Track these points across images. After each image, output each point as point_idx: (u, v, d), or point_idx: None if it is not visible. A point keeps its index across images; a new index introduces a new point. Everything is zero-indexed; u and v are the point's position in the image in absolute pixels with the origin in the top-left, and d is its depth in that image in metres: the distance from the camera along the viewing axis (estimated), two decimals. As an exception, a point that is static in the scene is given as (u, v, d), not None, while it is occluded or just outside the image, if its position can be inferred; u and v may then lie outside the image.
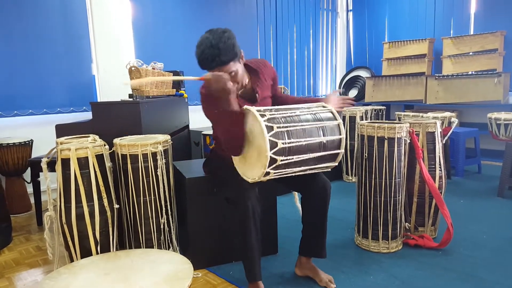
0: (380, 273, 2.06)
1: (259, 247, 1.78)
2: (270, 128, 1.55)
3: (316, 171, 1.77)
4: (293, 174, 1.71)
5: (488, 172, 4.23)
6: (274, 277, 2.05)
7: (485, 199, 3.29)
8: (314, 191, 1.92)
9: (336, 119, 1.73)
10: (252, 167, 1.65)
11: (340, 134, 1.72)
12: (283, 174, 1.66)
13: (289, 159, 1.60)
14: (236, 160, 1.77)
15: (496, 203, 3.20)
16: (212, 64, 1.65)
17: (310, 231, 2.02)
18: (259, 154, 1.58)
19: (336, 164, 1.77)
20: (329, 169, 1.80)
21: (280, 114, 1.65)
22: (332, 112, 1.76)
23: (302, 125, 1.64)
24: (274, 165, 1.57)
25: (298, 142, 1.61)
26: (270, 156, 1.53)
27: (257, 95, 1.91)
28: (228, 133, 1.71)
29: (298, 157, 1.62)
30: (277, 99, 2.11)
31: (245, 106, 1.66)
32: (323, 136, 1.67)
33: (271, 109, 1.67)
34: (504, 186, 3.32)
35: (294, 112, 1.69)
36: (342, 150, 1.73)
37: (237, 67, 1.73)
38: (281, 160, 1.57)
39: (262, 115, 1.59)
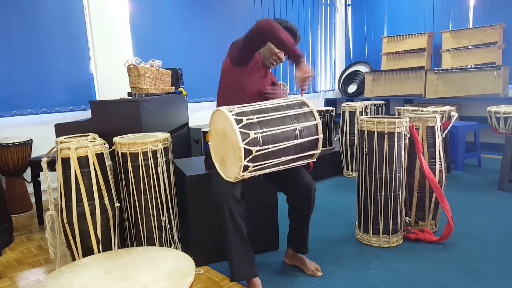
0: (381, 267, 2.07)
1: (243, 247, 1.75)
2: (239, 121, 1.57)
3: (300, 162, 1.75)
4: (277, 168, 1.70)
5: (488, 166, 4.23)
6: (275, 273, 2.06)
7: (485, 193, 3.29)
8: (298, 192, 1.92)
9: (308, 106, 1.74)
10: (231, 165, 1.65)
11: (315, 120, 1.72)
12: (264, 168, 1.65)
13: (265, 148, 1.59)
14: (218, 165, 1.77)
15: (496, 196, 3.20)
16: (297, 35, 2.02)
17: (294, 228, 2.06)
18: (234, 148, 1.58)
19: (319, 151, 1.76)
20: (314, 159, 1.78)
21: (249, 108, 1.67)
22: (304, 101, 1.77)
23: (273, 115, 1.65)
24: (250, 157, 1.56)
25: (271, 131, 1.61)
26: (244, 148, 1.53)
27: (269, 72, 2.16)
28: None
29: (274, 146, 1.61)
30: None
31: (216, 108, 1.70)
32: (298, 123, 1.68)
33: (240, 106, 1.69)
34: (504, 179, 3.33)
35: (264, 105, 1.71)
36: (320, 136, 1.73)
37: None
38: (257, 151, 1.56)
39: (230, 111, 1.61)
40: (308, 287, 1.91)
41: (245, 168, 1.58)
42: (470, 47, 5.09)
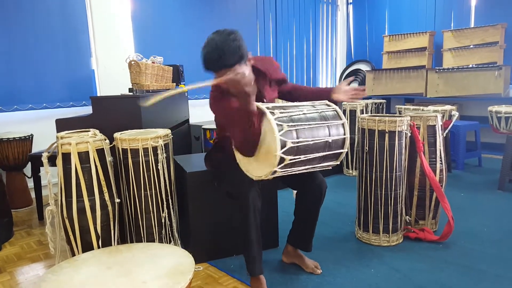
0: (381, 266, 2.07)
1: (259, 242, 1.79)
2: (280, 127, 1.54)
3: (318, 169, 1.77)
4: (298, 173, 1.71)
5: (488, 165, 4.23)
6: (275, 271, 2.05)
7: (485, 192, 3.29)
8: (309, 189, 1.94)
9: (341, 119, 1.74)
10: (259, 165, 1.64)
11: (344, 134, 1.72)
12: (288, 173, 1.66)
13: (297, 158, 1.60)
14: (239, 156, 1.76)
15: (496, 196, 3.20)
16: (217, 66, 1.59)
17: (300, 225, 2.06)
18: (268, 152, 1.57)
19: (338, 163, 1.79)
20: (331, 167, 1.81)
21: (288, 112, 1.64)
22: (336, 111, 1.77)
23: (309, 124, 1.64)
24: (282, 164, 1.56)
25: (306, 141, 1.60)
26: (279, 156, 1.53)
27: (264, 99, 1.86)
28: (243, 134, 1.64)
29: (305, 157, 1.62)
30: (290, 93, 2.07)
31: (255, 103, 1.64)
32: (329, 135, 1.68)
33: (279, 106, 1.66)
34: (504, 179, 3.32)
35: (302, 111, 1.68)
36: (345, 150, 1.74)
37: (243, 69, 1.60)
38: (290, 160, 1.56)
39: (272, 113, 1.57)
40: (308, 285, 1.90)
41: (273, 172, 1.59)
42: (471, 46, 5.07)
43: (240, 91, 1.53)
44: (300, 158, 1.61)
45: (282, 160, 1.55)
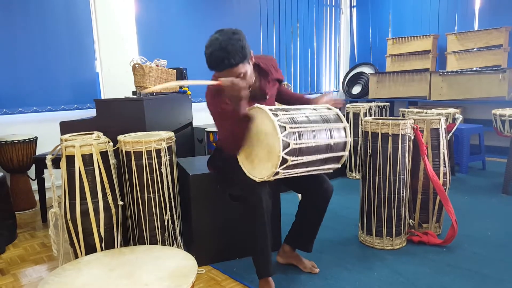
0: (384, 269, 2.06)
1: (271, 243, 1.79)
2: (283, 128, 1.55)
3: (319, 172, 1.77)
4: (299, 175, 1.71)
5: (492, 169, 4.21)
6: (277, 273, 2.05)
7: (489, 196, 3.27)
8: (317, 193, 1.93)
9: (342, 122, 1.75)
10: (261, 166, 1.65)
11: (346, 137, 1.73)
12: (290, 174, 1.67)
13: (299, 159, 1.60)
14: (241, 158, 1.77)
15: (500, 199, 3.18)
16: (221, 66, 1.62)
17: (303, 226, 2.05)
18: (270, 153, 1.58)
19: (339, 166, 1.79)
20: (331, 171, 1.81)
21: (290, 114, 1.66)
22: (338, 115, 1.78)
23: (312, 127, 1.65)
24: (284, 165, 1.57)
25: (308, 143, 1.61)
26: (282, 156, 1.53)
27: (266, 95, 1.94)
28: (231, 133, 1.74)
29: (307, 158, 1.62)
30: (281, 94, 2.15)
31: (257, 105, 1.65)
32: (331, 138, 1.69)
33: (281, 109, 1.67)
34: (508, 183, 3.31)
35: (304, 113, 1.70)
36: (346, 153, 1.75)
37: (246, 68, 1.68)
38: (292, 161, 1.57)
39: (275, 115, 1.58)
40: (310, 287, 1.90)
41: (276, 173, 1.59)
42: (475, 49, 5.06)
43: (234, 94, 1.56)
44: (302, 159, 1.62)
45: (284, 160, 1.56)
